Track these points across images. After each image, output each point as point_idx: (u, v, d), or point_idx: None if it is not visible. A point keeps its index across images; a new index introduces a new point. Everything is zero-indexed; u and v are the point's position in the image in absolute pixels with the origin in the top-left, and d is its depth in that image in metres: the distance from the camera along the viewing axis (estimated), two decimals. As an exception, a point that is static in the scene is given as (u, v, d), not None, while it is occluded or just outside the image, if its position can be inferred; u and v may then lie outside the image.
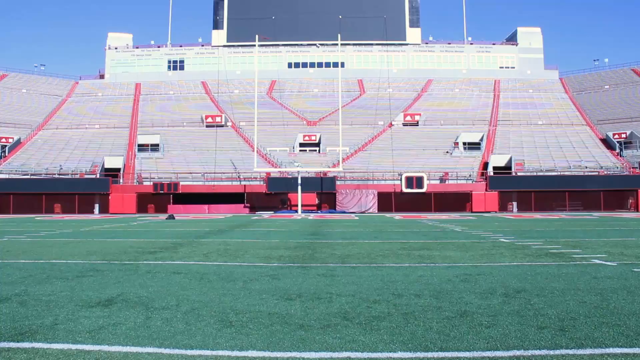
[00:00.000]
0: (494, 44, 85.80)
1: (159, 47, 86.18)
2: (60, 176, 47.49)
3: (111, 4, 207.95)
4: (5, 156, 52.54)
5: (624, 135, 54.08)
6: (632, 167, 47.75)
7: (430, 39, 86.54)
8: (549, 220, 27.20)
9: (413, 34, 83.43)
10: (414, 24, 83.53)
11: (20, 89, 75.80)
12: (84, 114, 68.36)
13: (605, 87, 74.83)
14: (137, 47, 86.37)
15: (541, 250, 11.87)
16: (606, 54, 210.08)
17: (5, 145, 54.20)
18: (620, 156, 51.09)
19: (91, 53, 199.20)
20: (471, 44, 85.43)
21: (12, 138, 55.80)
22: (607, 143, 54.63)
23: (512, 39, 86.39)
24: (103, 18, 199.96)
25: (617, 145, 52.94)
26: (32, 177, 47.24)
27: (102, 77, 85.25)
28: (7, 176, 47.07)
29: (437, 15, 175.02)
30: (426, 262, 9.92)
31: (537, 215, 35.00)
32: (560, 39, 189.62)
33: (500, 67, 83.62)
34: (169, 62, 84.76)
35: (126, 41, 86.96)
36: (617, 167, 48.20)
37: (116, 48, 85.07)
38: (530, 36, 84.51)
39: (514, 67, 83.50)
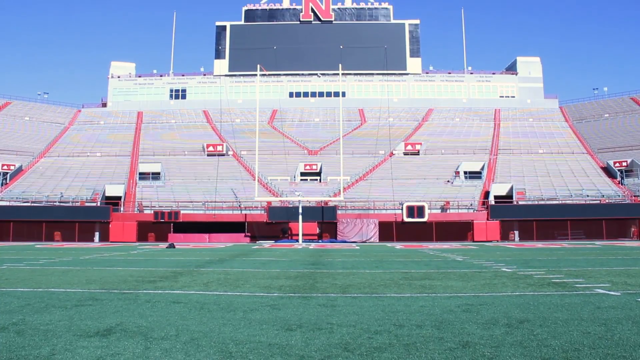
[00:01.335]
0: (493, 74, 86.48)
1: (161, 76, 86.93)
2: (61, 204, 47.45)
3: (114, 33, 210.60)
4: (6, 183, 52.60)
5: (624, 164, 54.14)
6: (634, 196, 47.67)
7: (431, 68, 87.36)
8: (551, 249, 27.07)
9: (413, 64, 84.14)
10: (414, 53, 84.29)
11: (23, 116, 76.29)
12: (85, 142, 68.66)
13: (605, 115, 75.21)
14: (139, 76, 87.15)
15: (543, 279, 11.78)
16: (605, 82, 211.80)
17: (7, 173, 54.31)
18: (622, 184, 51.07)
19: (94, 81, 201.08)
20: (471, 73, 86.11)
21: (14, 165, 55.96)
22: (608, 171, 54.67)
23: (511, 69, 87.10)
24: (106, 47, 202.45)
25: (618, 173, 52.95)
26: (32, 204, 47.19)
27: (104, 105, 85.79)
28: (7, 203, 47.04)
29: (438, 45, 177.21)
30: (428, 292, 9.84)
31: (539, 244, 34.85)
32: (560, 68, 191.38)
33: (501, 97, 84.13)
34: (171, 91, 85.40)
35: (129, 70, 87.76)
36: (619, 196, 48.13)
37: (119, 77, 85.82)
38: (530, 65, 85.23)
39: (514, 97, 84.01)
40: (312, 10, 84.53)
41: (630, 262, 17.44)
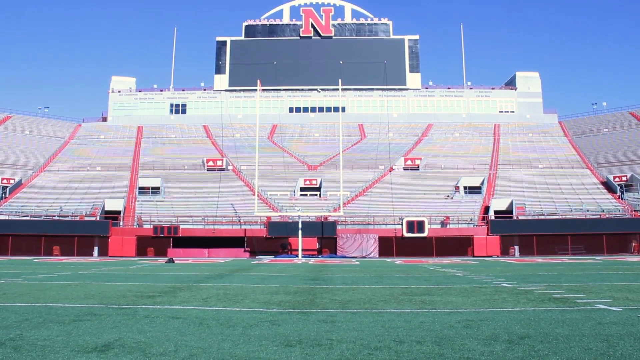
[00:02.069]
0: (493, 89, 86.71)
1: (161, 90, 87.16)
2: (60, 218, 47.38)
3: (115, 48, 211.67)
4: (5, 197, 52.55)
5: (624, 178, 54.13)
6: (634, 210, 47.61)
7: (430, 83, 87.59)
8: (552, 265, 27.00)
9: (413, 79, 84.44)
10: (413, 69, 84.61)
11: (24, 130, 76.45)
12: (85, 156, 68.71)
13: (604, 130, 75.38)
14: (140, 91, 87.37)
15: (544, 295, 11.74)
16: (604, 97, 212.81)
17: (7, 187, 54.25)
18: (622, 199, 51.03)
19: (94, 96, 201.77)
20: (470, 88, 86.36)
21: (14, 179, 55.91)
22: (607, 186, 54.64)
23: (511, 84, 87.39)
24: (107, 62, 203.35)
25: (618, 188, 52.93)
26: (31, 218, 47.13)
27: (104, 119, 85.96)
28: (7, 217, 46.97)
29: (437, 60, 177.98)
30: (428, 307, 9.79)
31: (540, 259, 34.76)
32: (559, 83, 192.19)
33: (500, 111, 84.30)
34: (171, 105, 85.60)
35: (129, 85, 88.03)
36: (619, 210, 48.08)
37: (119, 91, 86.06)
38: (529, 81, 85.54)
39: (513, 111, 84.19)
40: (312, 26, 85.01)
41: (632, 277, 17.38)
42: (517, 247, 44.46)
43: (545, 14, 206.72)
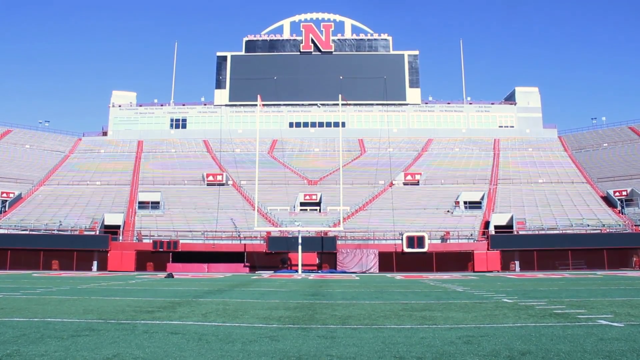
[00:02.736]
0: (492, 104, 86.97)
1: (162, 105, 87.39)
2: (59, 232, 47.28)
3: (116, 62, 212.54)
4: (5, 211, 52.49)
5: (624, 193, 54.13)
6: (635, 225, 47.52)
7: (430, 98, 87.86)
8: (552, 280, 26.89)
9: (413, 94, 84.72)
10: (413, 84, 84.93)
11: (24, 144, 76.57)
12: (85, 170, 68.74)
13: (604, 145, 75.54)
14: (140, 105, 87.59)
15: (545, 310, 11.68)
16: (604, 112, 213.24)
17: (6, 200, 54.22)
18: (622, 214, 50.98)
19: (95, 110, 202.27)
20: (470, 103, 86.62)
21: (13, 193, 55.89)
22: (608, 201, 54.61)
23: (510, 99, 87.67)
24: (107, 76, 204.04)
25: (618, 202, 52.89)
26: (30, 232, 47.02)
27: (104, 134, 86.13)
28: (6, 231, 46.87)
29: (437, 75, 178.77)
30: (428, 323, 9.74)
31: (540, 275, 34.63)
32: (558, 98, 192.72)
33: (500, 126, 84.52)
34: (172, 120, 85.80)
35: (130, 99, 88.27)
36: (620, 225, 48.01)
37: (120, 106, 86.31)
38: (528, 96, 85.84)
39: (513, 126, 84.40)
40: (312, 41, 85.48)
41: (633, 292, 17.29)
42: (517, 262, 44.36)
43: (545, 29, 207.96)
